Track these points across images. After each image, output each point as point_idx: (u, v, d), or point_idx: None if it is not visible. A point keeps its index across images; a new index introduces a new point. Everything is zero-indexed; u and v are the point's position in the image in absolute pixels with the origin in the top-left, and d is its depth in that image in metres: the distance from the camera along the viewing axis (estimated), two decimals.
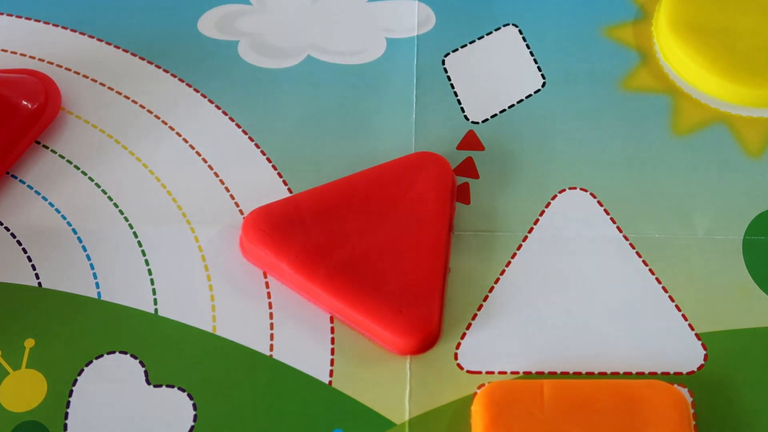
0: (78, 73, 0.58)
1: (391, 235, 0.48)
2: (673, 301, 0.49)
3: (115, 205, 0.52)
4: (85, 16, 0.60)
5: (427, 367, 0.47)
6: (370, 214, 0.45)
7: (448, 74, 0.57)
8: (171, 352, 0.48)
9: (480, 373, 0.47)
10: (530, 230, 0.51)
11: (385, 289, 0.46)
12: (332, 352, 0.47)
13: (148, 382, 0.47)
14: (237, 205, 0.52)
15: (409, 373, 0.47)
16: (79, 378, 0.47)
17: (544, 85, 0.57)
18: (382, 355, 0.47)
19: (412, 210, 0.49)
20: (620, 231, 0.51)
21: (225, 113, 0.56)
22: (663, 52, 0.58)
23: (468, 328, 0.48)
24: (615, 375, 0.46)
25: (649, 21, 0.60)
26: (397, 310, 0.46)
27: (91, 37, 0.59)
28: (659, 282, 0.49)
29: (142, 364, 0.47)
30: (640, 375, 0.46)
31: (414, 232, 0.48)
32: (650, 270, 0.50)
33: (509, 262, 0.50)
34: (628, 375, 0.46)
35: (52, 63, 0.58)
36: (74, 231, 0.51)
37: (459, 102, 0.56)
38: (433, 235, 0.48)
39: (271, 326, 0.48)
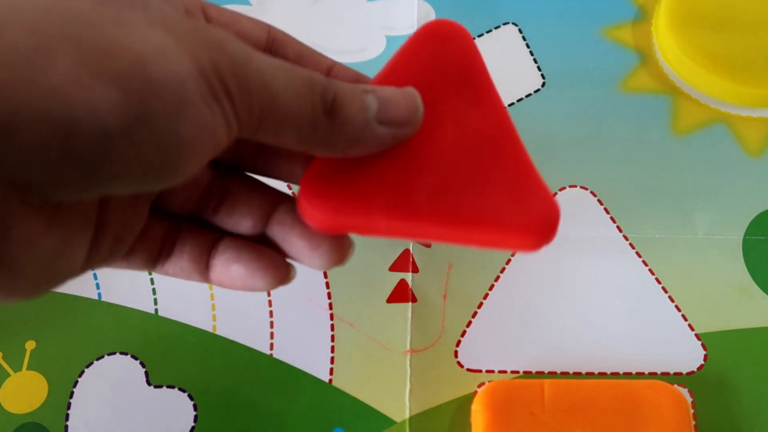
0: None
1: (453, 131, 0.42)
2: (673, 301, 0.49)
3: None
4: None
5: (427, 365, 0.47)
6: None
7: None
8: (171, 352, 0.48)
9: (480, 371, 0.47)
10: None
11: (489, 190, 0.40)
12: (332, 350, 0.47)
13: (148, 382, 0.47)
14: None
15: (410, 371, 0.47)
16: (79, 379, 0.47)
17: (543, 84, 0.57)
18: (382, 353, 0.47)
19: (453, 94, 0.41)
20: (620, 231, 0.51)
21: None
22: (662, 52, 0.58)
23: (468, 326, 0.48)
24: (615, 375, 0.47)
25: (648, 21, 0.60)
26: (518, 204, 0.41)
27: None
28: (659, 282, 0.49)
29: (142, 364, 0.47)
30: (640, 375, 0.46)
31: (471, 116, 0.41)
32: (650, 270, 0.50)
33: (509, 260, 0.50)
34: (628, 375, 0.46)
35: None
36: None
37: None
38: (493, 112, 0.43)
39: (271, 325, 0.48)
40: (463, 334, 0.48)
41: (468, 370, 0.47)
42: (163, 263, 0.39)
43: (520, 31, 0.59)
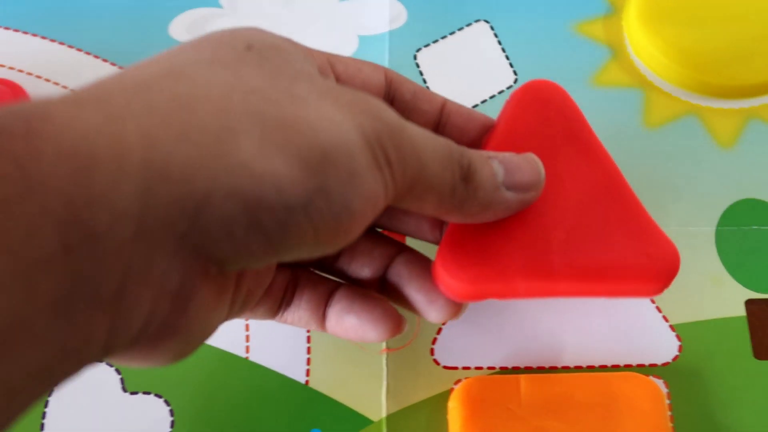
0: (48, 81, 0.57)
1: (570, 186, 0.43)
2: None
3: None
4: (55, 22, 0.60)
5: (403, 364, 0.47)
6: None
7: (420, 69, 0.58)
8: None
9: (456, 368, 0.47)
10: None
11: (614, 242, 0.42)
12: (308, 351, 0.47)
13: (124, 389, 0.47)
14: None
15: (386, 369, 0.47)
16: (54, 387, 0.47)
17: (516, 81, 0.57)
18: (358, 353, 0.47)
19: (563, 151, 0.44)
20: None
21: None
22: (633, 46, 0.58)
23: (444, 323, 0.48)
24: (591, 368, 0.47)
25: (619, 16, 0.60)
26: (642, 254, 0.42)
27: (62, 43, 0.59)
28: None
29: (117, 371, 0.47)
30: (616, 368, 0.46)
31: (582, 170, 0.44)
32: None
33: None
34: (604, 368, 0.46)
35: (21, 71, 0.58)
36: None
37: None
38: (601, 164, 0.44)
39: (247, 328, 0.48)
40: (439, 331, 0.48)
41: (444, 367, 0.47)
42: (284, 312, 0.41)
43: (492, 28, 0.59)
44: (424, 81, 0.57)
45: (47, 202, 0.24)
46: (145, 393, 0.46)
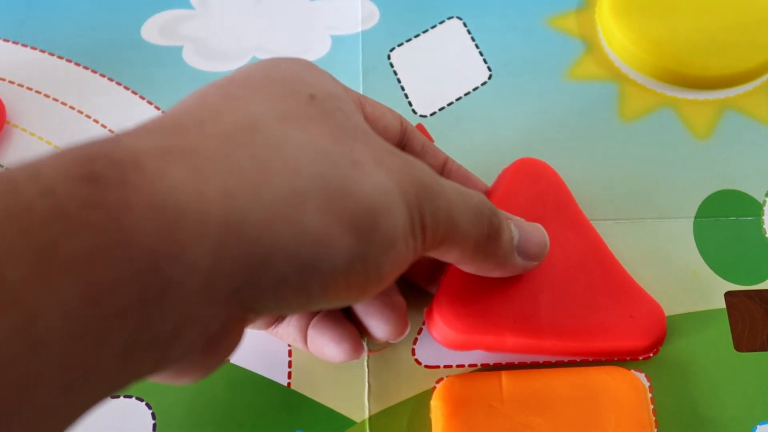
0: (22, 86, 0.57)
1: (560, 253, 0.46)
2: None
3: None
4: (27, 27, 0.60)
5: (385, 364, 0.47)
6: None
7: (394, 69, 0.57)
8: None
9: (438, 367, 0.47)
10: None
11: (599, 304, 0.45)
12: (289, 353, 0.47)
13: None
14: None
15: (367, 370, 0.47)
16: None
17: (490, 77, 0.57)
18: None
19: (552, 222, 0.47)
20: None
21: None
22: (607, 39, 0.58)
23: (424, 323, 0.48)
24: (573, 363, 0.46)
25: (592, 9, 0.60)
26: (627, 317, 0.46)
27: (34, 48, 0.59)
28: None
29: None
30: (597, 362, 0.46)
31: (570, 239, 0.47)
32: None
33: None
34: (585, 362, 0.46)
35: None
36: None
37: (406, 96, 0.56)
38: (586, 234, 0.48)
39: None
40: (420, 331, 0.48)
41: (426, 366, 0.47)
42: (276, 326, 0.44)
43: (465, 25, 0.59)
44: (399, 81, 0.57)
45: (133, 255, 0.25)
46: (126, 396, 0.46)
